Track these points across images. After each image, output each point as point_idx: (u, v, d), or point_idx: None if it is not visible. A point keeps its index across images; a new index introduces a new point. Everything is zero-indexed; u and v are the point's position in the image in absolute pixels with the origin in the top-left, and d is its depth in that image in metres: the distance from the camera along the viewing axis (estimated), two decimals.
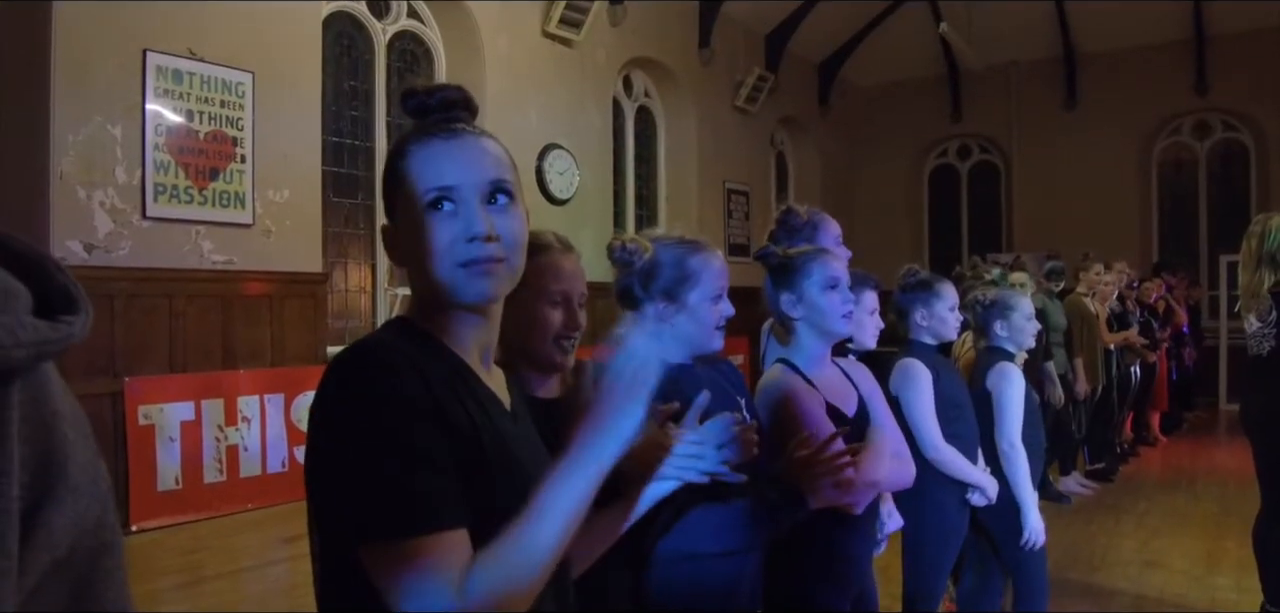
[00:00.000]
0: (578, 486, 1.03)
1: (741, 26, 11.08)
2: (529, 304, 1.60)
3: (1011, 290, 3.43)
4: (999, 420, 3.09)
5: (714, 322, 1.83)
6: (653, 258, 1.84)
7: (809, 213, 2.77)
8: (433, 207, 1.10)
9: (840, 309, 2.04)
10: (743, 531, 1.76)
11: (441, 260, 1.10)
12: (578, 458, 1.04)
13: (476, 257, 1.10)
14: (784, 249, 2.19)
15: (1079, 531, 5.65)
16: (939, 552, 2.98)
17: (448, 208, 1.10)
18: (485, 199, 1.12)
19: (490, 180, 1.13)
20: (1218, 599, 4.44)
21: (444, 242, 1.10)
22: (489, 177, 1.13)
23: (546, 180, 8.10)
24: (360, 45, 7.32)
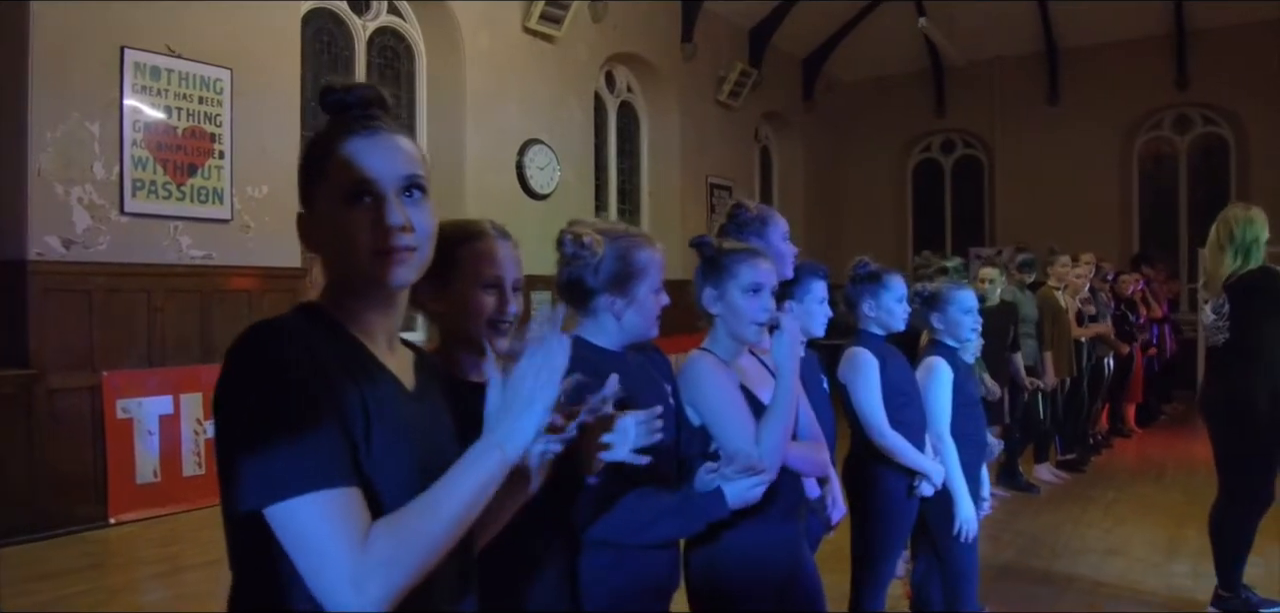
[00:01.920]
0: (480, 473, 1.12)
1: (724, 22, 11.14)
2: (464, 289, 1.67)
3: (952, 285, 3.48)
4: (927, 414, 3.16)
5: (653, 312, 1.90)
6: (608, 251, 1.90)
7: (758, 208, 2.84)
8: (351, 199, 1.17)
9: (757, 315, 2.10)
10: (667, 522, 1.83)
11: (358, 249, 1.17)
12: (481, 447, 1.14)
13: (392, 245, 1.17)
14: (719, 243, 2.25)
15: (1045, 520, 5.74)
16: (886, 537, 3.06)
17: (366, 200, 1.17)
18: (401, 192, 1.19)
19: (406, 175, 1.20)
20: (1173, 585, 4.52)
21: (361, 231, 1.16)
22: (404, 172, 1.20)
23: (527, 175, 8.16)
24: (340, 42, 7.37)
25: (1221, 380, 4.11)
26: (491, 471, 1.13)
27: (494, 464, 1.13)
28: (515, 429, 1.14)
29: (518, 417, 1.14)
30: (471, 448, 1.13)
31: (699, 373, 2.06)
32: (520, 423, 1.14)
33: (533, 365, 1.16)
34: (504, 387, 1.17)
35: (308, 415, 1.06)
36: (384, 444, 1.13)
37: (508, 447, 1.13)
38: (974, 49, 12.53)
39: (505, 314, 1.69)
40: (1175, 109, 12.36)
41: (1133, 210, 12.54)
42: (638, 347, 2.01)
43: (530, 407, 1.14)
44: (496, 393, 1.17)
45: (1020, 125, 12.77)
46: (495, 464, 1.13)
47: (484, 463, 1.12)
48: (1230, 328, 4.04)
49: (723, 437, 2.01)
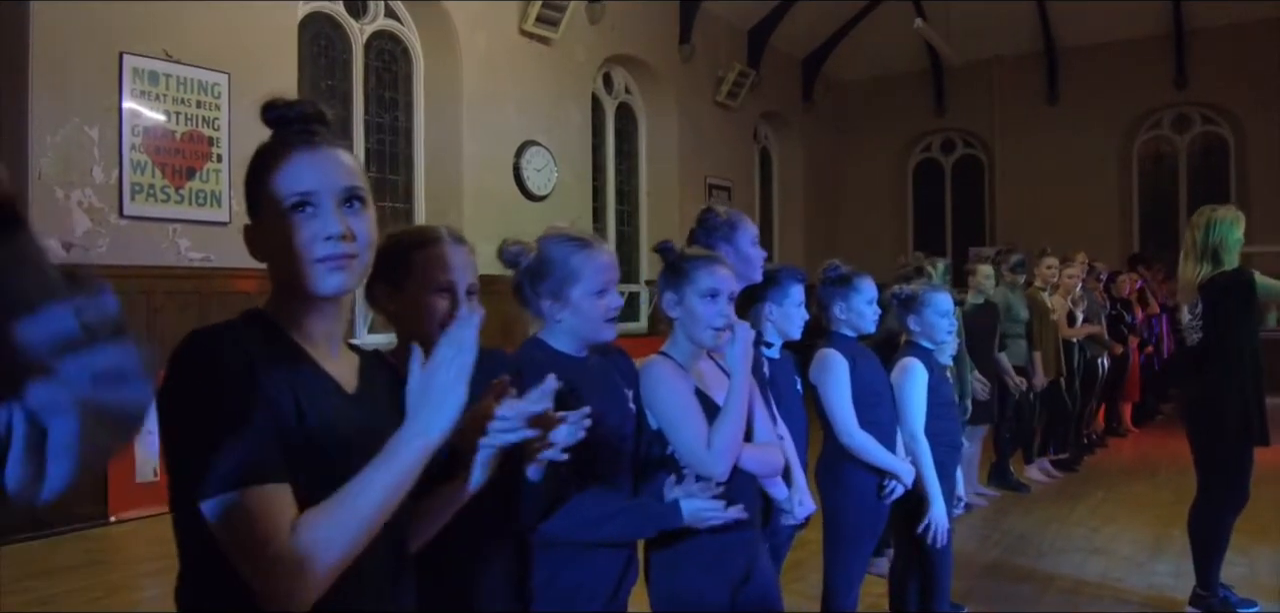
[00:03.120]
0: (402, 460, 1.18)
1: (723, 23, 11.20)
2: (418, 294, 1.72)
3: (928, 288, 3.55)
4: (901, 414, 3.22)
5: (601, 315, 1.94)
6: (538, 256, 1.96)
7: (728, 213, 2.89)
8: (295, 209, 1.24)
9: (713, 321, 2.15)
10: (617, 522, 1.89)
11: (301, 256, 1.24)
12: (403, 436, 1.19)
13: (332, 253, 1.24)
14: (682, 248, 2.31)
15: (1034, 518, 5.78)
16: (857, 537, 3.12)
17: (307, 211, 1.24)
18: (341, 203, 1.26)
19: (346, 186, 1.27)
20: (1154, 584, 4.57)
21: (304, 240, 1.23)
22: (345, 183, 1.27)
23: (524, 177, 8.23)
24: (338, 45, 7.45)
25: (1196, 381, 4.16)
26: (413, 459, 1.18)
27: (415, 453, 1.18)
28: (434, 419, 1.19)
29: (436, 407, 1.19)
30: (393, 437, 1.19)
31: (655, 377, 2.11)
32: (438, 412, 1.19)
33: (446, 356, 1.21)
34: (422, 377, 1.22)
35: (240, 417, 1.12)
36: (318, 447, 1.19)
37: (430, 434, 1.19)
38: (973, 48, 12.55)
39: None
40: (1174, 108, 12.37)
41: (1132, 209, 12.55)
42: (600, 349, 2.07)
43: (447, 396, 1.19)
44: (416, 383, 1.22)
45: (1020, 125, 12.80)
46: (417, 453, 1.18)
47: (405, 452, 1.18)
48: (1203, 329, 4.10)
49: (676, 440, 2.07)
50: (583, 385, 1.88)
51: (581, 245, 1.97)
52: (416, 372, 1.22)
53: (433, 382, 1.20)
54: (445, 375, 1.20)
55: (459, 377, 1.20)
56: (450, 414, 1.20)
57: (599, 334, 1.95)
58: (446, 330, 1.23)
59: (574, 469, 1.83)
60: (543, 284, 1.94)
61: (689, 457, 2.06)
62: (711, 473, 2.04)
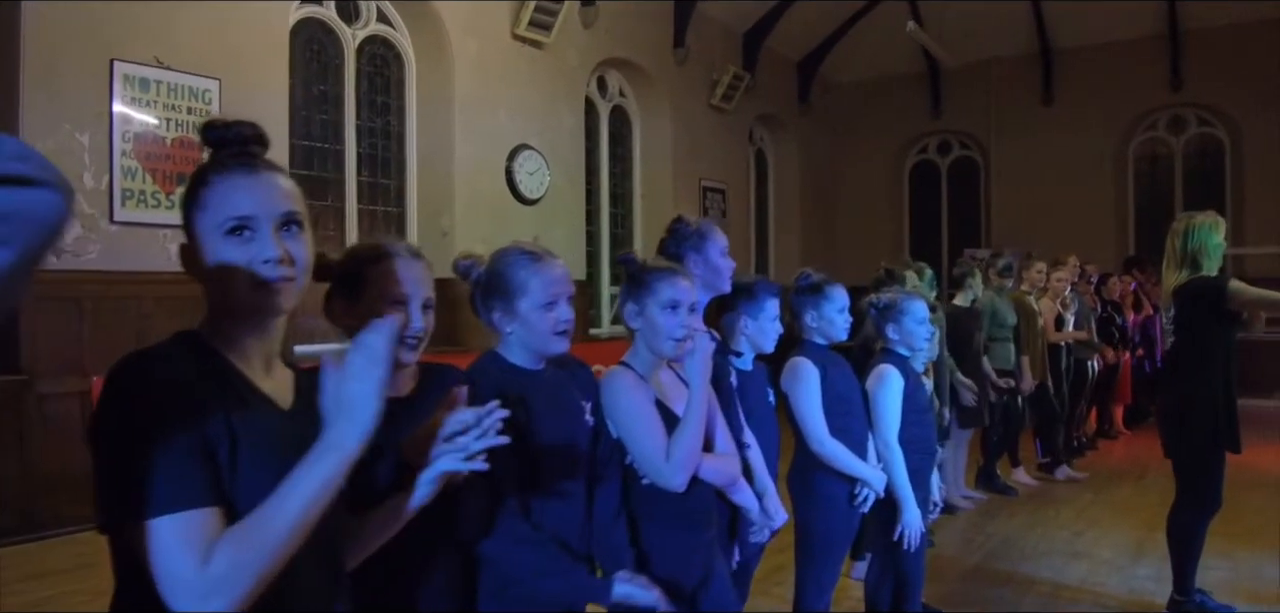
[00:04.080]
0: (319, 472, 1.20)
1: (718, 25, 11.22)
2: (372, 307, 1.73)
3: (907, 295, 3.58)
4: (875, 421, 3.25)
5: (549, 328, 1.96)
6: (488, 269, 2.00)
7: (698, 223, 2.93)
8: (233, 232, 1.27)
9: (674, 332, 2.18)
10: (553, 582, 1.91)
11: (238, 279, 1.27)
12: (318, 448, 1.22)
13: (270, 277, 1.27)
14: (643, 260, 2.34)
15: (1019, 522, 5.81)
16: (828, 545, 3.14)
17: (246, 234, 1.27)
18: (279, 227, 1.29)
19: (285, 211, 1.30)
20: (1134, 588, 4.59)
21: (242, 262, 1.27)
22: (283, 208, 1.30)
23: (516, 181, 8.26)
24: (330, 50, 7.48)
25: (1171, 385, 4.19)
26: (329, 471, 1.21)
27: (331, 465, 1.21)
28: (348, 430, 1.22)
29: (350, 417, 1.22)
30: (311, 450, 1.21)
31: (614, 388, 2.15)
32: (352, 423, 1.22)
33: (357, 365, 1.24)
34: (335, 387, 1.25)
35: (168, 441, 1.15)
36: (250, 465, 1.22)
37: (347, 444, 1.21)
38: (969, 50, 12.57)
39: (414, 332, 1.77)
40: (1170, 110, 12.37)
41: (1128, 211, 12.56)
42: (558, 361, 2.10)
43: (360, 406, 1.22)
44: (330, 393, 1.25)
45: (1016, 126, 12.81)
46: (332, 465, 1.21)
47: (322, 464, 1.20)
48: (1176, 334, 4.13)
49: (635, 450, 2.11)
50: (534, 398, 1.91)
51: (531, 259, 2.00)
52: (329, 383, 1.25)
53: (345, 392, 1.23)
54: (358, 386, 1.23)
55: (372, 386, 1.23)
56: (365, 424, 1.22)
57: (549, 347, 1.98)
58: (357, 338, 1.25)
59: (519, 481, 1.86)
60: (493, 298, 1.98)
61: (647, 467, 2.09)
62: (669, 484, 2.07)
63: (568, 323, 1.98)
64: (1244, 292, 3.92)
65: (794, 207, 13.08)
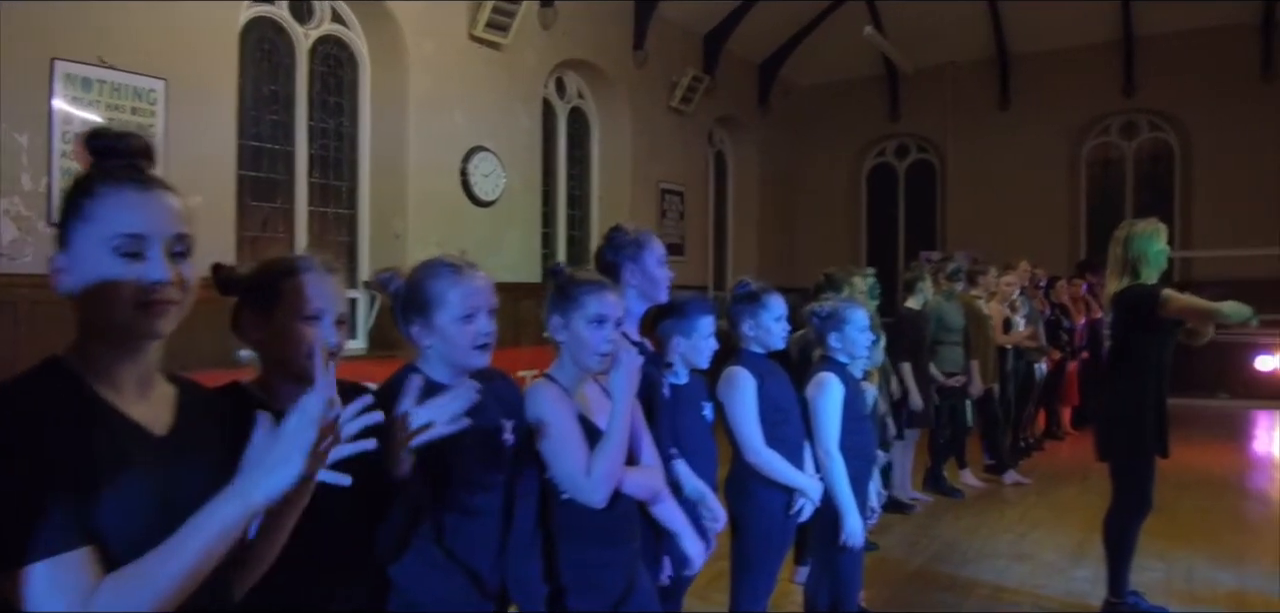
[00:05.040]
0: (217, 521, 1.18)
1: (678, 27, 11.23)
2: (285, 322, 1.72)
3: (847, 303, 3.61)
4: (815, 428, 3.27)
5: (468, 342, 1.94)
6: (407, 282, 1.97)
7: (635, 232, 2.92)
8: (123, 251, 1.23)
9: (599, 346, 2.17)
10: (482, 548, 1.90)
11: (122, 300, 1.22)
12: (225, 495, 1.20)
13: (157, 299, 1.24)
14: (571, 272, 2.33)
15: (963, 524, 5.88)
16: (763, 553, 3.16)
17: (135, 252, 1.23)
18: (169, 249, 1.26)
19: (176, 232, 1.27)
20: (1072, 590, 4.66)
21: (129, 283, 1.22)
22: (175, 229, 1.27)
23: (471, 182, 8.21)
24: (282, 50, 7.39)
25: (1106, 390, 4.27)
26: (230, 521, 1.19)
27: (235, 513, 1.19)
28: (261, 484, 1.20)
29: (267, 472, 1.20)
30: (214, 498, 1.19)
31: (537, 401, 2.13)
32: (267, 478, 1.20)
33: (292, 426, 1.22)
34: (264, 441, 1.23)
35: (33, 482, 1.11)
36: (118, 496, 1.18)
37: (253, 496, 1.19)
38: (927, 54, 12.69)
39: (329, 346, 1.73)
40: (1123, 115, 12.57)
41: (1080, 214, 12.74)
42: (482, 376, 2.07)
43: (281, 465, 1.20)
44: (257, 446, 1.23)
45: (972, 130, 12.95)
46: (236, 513, 1.19)
47: (225, 510, 1.18)
48: (1114, 340, 4.20)
49: (556, 465, 2.09)
50: None
51: (450, 270, 1.97)
52: (260, 435, 1.23)
53: (273, 448, 1.21)
54: (286, 446, 1.21)
55: (299, 449, 1.21)
56: (279, 484, 1.20)
57: (468, 361, 1.95)
58: (299, 401, 1.23)
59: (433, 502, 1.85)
60: (411, 311, 1.96)
61: (567, 483, 2.08)
62: (589, 500, 2.06)
63: (487, 337, 1.95)
64: (1173, 300, 4.00)
65: (753, 209, 13.14)
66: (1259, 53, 11.44)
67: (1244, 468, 7.90)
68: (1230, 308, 3.94)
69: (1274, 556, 5.33)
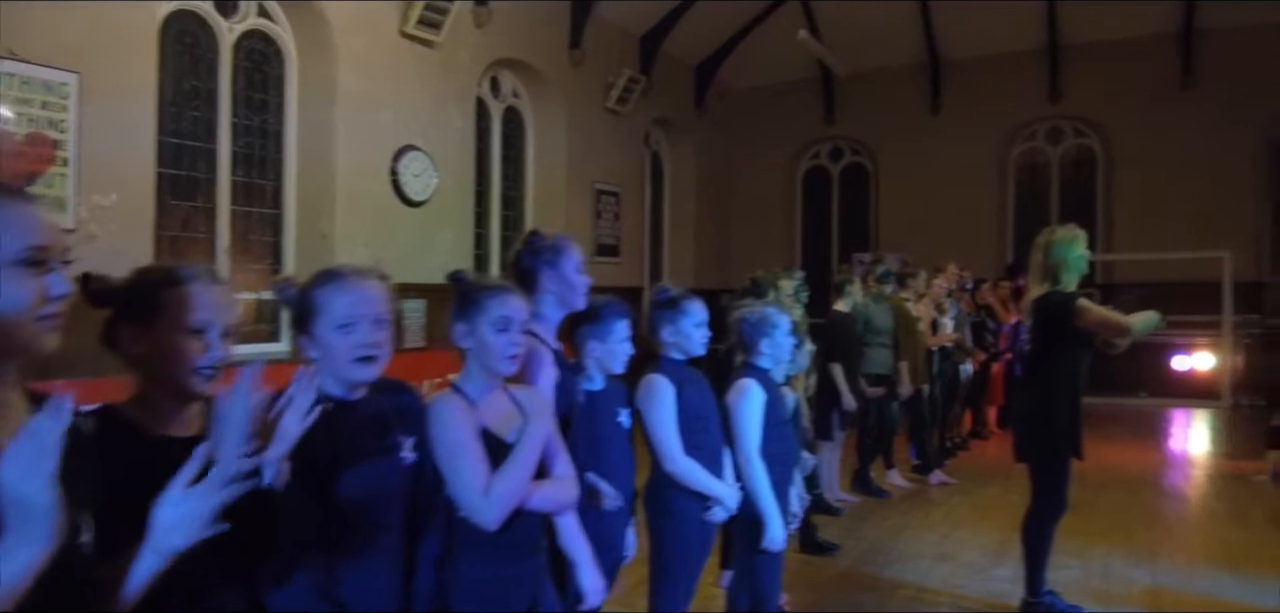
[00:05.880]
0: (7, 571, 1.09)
1: (614, 28, 11.21)
2: (166, 335, 1.62)
3: (774, 309, 3.62)
4: (735, 435, 3.27)
5: (347, 353, 1.85)
6: (299, 291, 1.90)
7: (553, 238, 2.87)
8: (26, 263, 1.18)
9: (506, 350, 2.12)
10: None
11: (24, 313, 1.17)
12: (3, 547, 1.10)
13: (54, 312, 1.20)
14: (472, 278, 2.28)
15: (889, 525, 5.95)
16: (682, 562, 3.15)
17: (38, 266, 1.18)
18: (62, 261, 1.21)
19: (65, 245, 1.23)
20: (993, 590, 4.75)
21: (30, 296, 1.18)
22: (64, 242, 1.23)
23: (401, 182, 8.09)
24: (204, 44, 7.19)
25: (1024, 393, 4.36)
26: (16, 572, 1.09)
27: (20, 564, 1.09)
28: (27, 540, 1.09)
29: (25, 526, 1.10)
30: None
31: (436, 414, 2.07)
32: (30, 534, 1.10)
33: (23, 464, 1.10)
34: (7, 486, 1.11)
35: None
36: None
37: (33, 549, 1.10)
38: (860, 59, 12.84)
39: (211, 361, 1.65)
40: (1049, 121, 12.88)
41: (1007, 218, 13.02)
42: (387, 389, 2.01)
43: (33, 516, 1.09)
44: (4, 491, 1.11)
45: (904, 134, 13.16)
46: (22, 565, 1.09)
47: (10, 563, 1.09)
48: (1032, 344, 4.29)
49: (452, 482, 2.03)
50: (340, 431, 1.82)
51: (334, 277, 1.89)
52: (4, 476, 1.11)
53: (13, 495, 1.09)
54: (26, 488, 1.09)
55: (41, 485, 1.09)
56: (43, 535, 1.09)
57: (350, 374, 1.87)
58: (26, 425, 1.12)
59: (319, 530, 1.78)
60: (300, 321, 1.89)
61: (463, 501, 2.02)
62: (482, 522, 1.99)
63: (371, 349, 1.86)
64: (1089, 311, 4.09)
65: (689, 210, 13.18)
66: (1179, 63, 11.81)
67: (1160, 466, 8.15)
68: (1140, 323, 4.06)
69: (1187, 552, 5.52)
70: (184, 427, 1.68)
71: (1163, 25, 11.72)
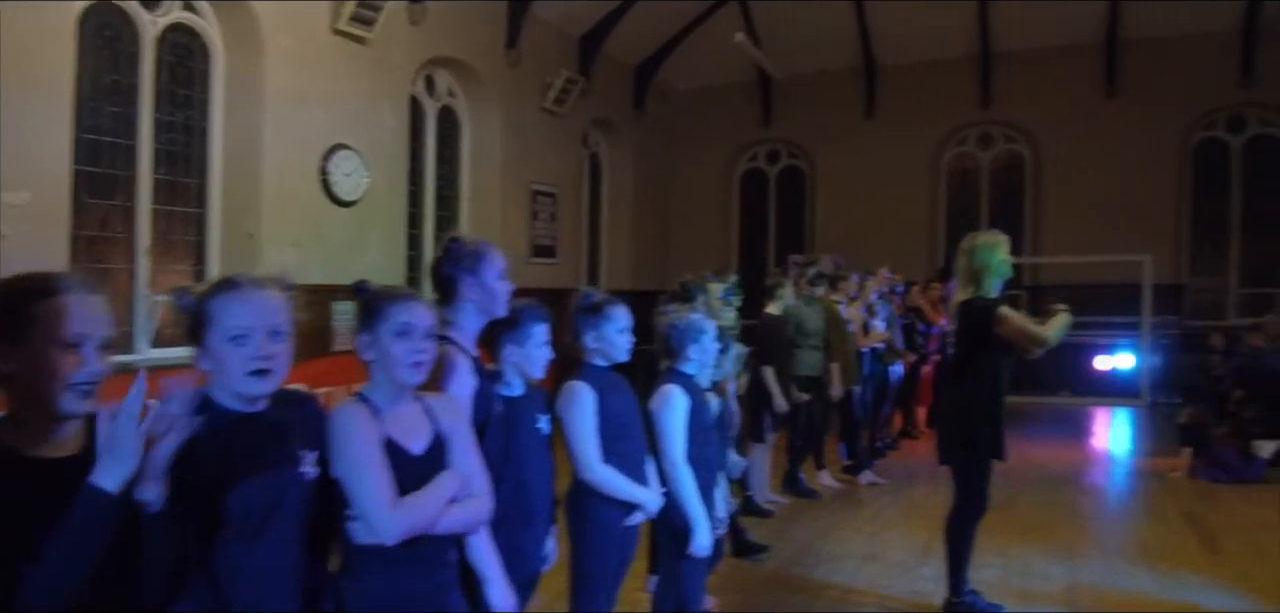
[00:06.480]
0: None
1: (552, 28, 11.16)
2: (39, 350, 1.55)
3: (700, 315, 3.63)
4: (660, 441, 3.27)
5: (240, 366, 1.79)
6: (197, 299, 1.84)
7: (474, 244, 2.80)
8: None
9: (407, 359, 2.07)
10: None
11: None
12: None
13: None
14: (375, 288, 2.23)
15: (818, 526, 6.01)
16: (602, 569, 3.13)
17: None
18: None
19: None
20: (917, 590, 4.82)
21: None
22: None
23: (331, 182, 7.94)
24: (125, 38, 6.98)
25: (947, 395, 4.44)
26: None
27: None
28: None
29: None
30: None
31: (337, 424, 2.01)
32: None
33: None
34: None
35: None
36: None
37: None
38: (798, 62, 12.99)
39: (87, 376, 1.58)
40: (979, 126, 13.16)
41: (939, 222, 13.27)
42: (288, 401, 1.95)
43: None
44: None
45: (840, 137, 13.34)
46: None
47: None
48: (956, 348, 4.37)
49: (353, 494, 1.98)
50: (234, 445, 1.77)
51: (229, 286, 1.83)
52: None
53: None
54: None
55: None
56: None
57: (243, 387, 1.81)
58: None
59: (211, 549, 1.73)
60: (195, 331, 1.83)
61: (364, 513, 1.97)
62: (380, 536, 1.95)
63: (264, 362, 1.80)
64: (1008, 320, 4.17)
65: (627, 211, 13.18)
66: (1104, 72, 12.15)
67: (1081, 464, 8.36)
68: (1054, 334, 4.16)
69: (1104, 548, 5.67)
70: (61, 448, 1.61)
71: (1089, 35, 12.06)
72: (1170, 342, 11.65)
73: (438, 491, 2.05)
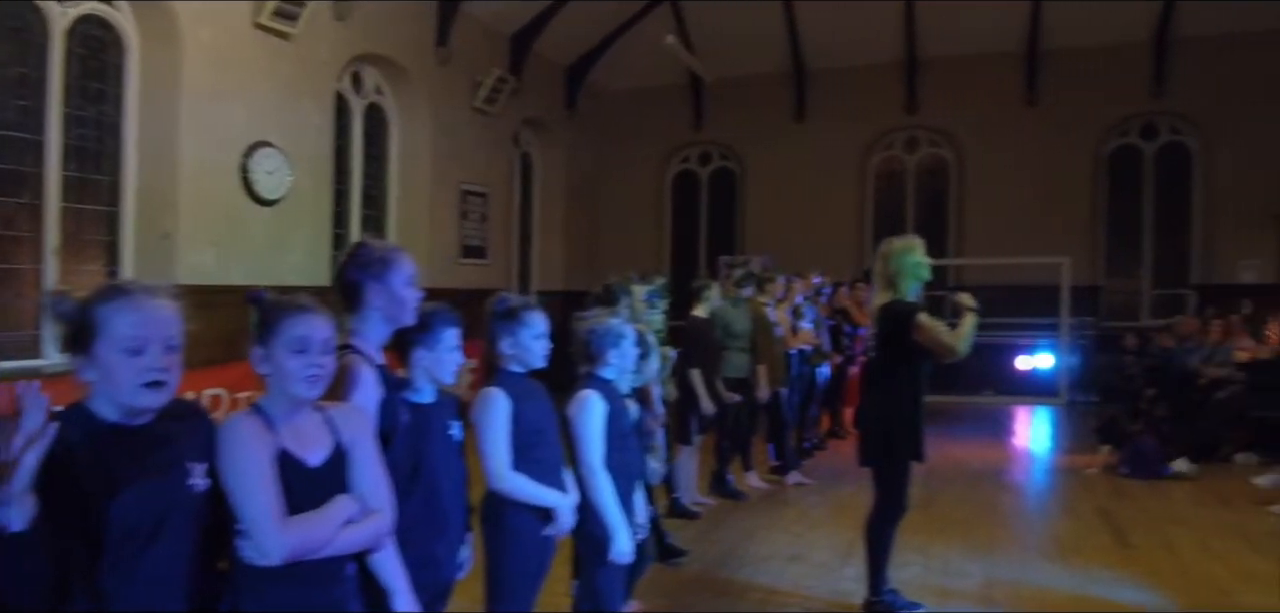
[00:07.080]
0: None
1: (483, 26, 11.06)
2: None
3: (619, 319, 3.62)
4: (577, 447, 3.25)
5: (133, 378, 1.72)
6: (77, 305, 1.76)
7: (382, 250, 2.74)
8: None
9: (302, 373, 2.01)
10: None
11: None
12: None
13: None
14: (271, 298, 2.16)
15: (745, 527, 6.05)
16: (519, 577, 3.09)
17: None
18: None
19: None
20: (839, 590, 4.87)
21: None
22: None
23: (252, 180, 7.76)
24: (33, 29, 6.73)
25: (866, 398, 4.51)
26: None
27: None
28: None
29: None
30: None
31: (227, 436, 1.93)
32: None
33: None
34: None
35: None
36: None
37: None
38: (729, 65, 13.08)
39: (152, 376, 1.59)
40: (905, 131, 13.42)
41: (866, 224, 13.49)
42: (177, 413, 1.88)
43: None
44: None
45: (770, 140, 13.48)
46: None
47: None
48: (876, 351, 4.44)
49: (242, 511, 1.91)
50: (114, 456, 1.70)
51: (118, 294, 1.76)
52: None
53: None
54: None
55: None
56: None
57: (135, 400, 1.74)
58: None
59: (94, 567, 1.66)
60: (77, 340, 1.75)
61: (250, 529, 1.91)
62: (267, 554, 1.89)
63: (160, 373, 1.74)
64: (924, 327, 4.24)
65: (558, 212, 13.14)
66: (1025, 80, 12.48)
67: (1000, 462, 8.56)
68: (964, 344, 4.23)
69: (1021, 545, 5.81)
70: None
71: (1011, 44, 12.37)
72: (1087, 342, 12.01)
73: (331, 514, 1.99)
